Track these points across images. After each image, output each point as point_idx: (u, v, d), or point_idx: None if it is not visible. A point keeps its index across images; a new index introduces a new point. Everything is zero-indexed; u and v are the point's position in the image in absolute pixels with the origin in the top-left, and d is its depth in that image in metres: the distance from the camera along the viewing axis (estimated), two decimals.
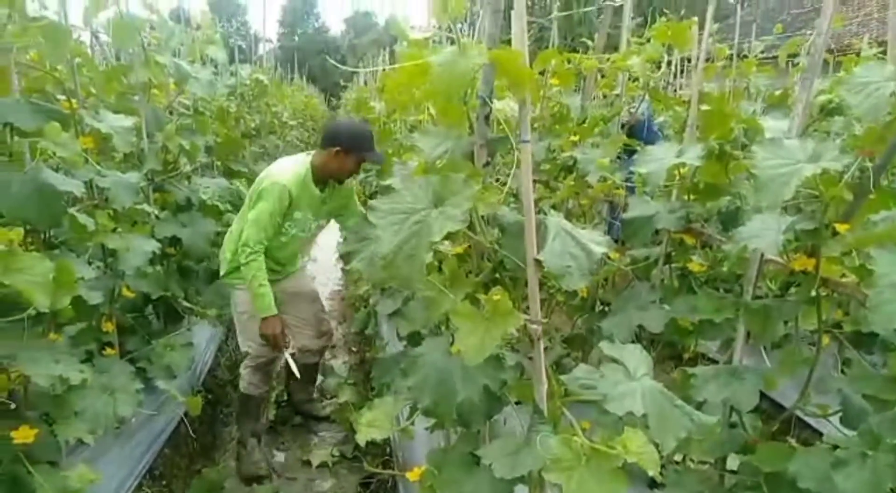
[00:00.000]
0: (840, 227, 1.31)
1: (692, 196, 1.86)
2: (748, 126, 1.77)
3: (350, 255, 1.44)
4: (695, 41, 2.11)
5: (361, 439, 1.51)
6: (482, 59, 1.14)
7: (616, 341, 1.39)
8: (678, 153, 1.68)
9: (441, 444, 1.74)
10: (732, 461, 1.57)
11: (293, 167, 2.83)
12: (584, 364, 1.28)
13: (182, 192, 3.05)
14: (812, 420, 2.28)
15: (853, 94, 1.27)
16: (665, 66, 3.18)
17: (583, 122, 2.57)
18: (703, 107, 1.88)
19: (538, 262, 1.19)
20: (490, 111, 1.35)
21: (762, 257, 1.49)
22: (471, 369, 1.30)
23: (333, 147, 2.78)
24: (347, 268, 1.53)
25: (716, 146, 1.73)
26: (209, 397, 3.41)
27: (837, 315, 1.63)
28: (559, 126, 2.57)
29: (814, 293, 1.37)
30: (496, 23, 1.31)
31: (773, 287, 1.59)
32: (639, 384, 1.16)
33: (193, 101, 3.63)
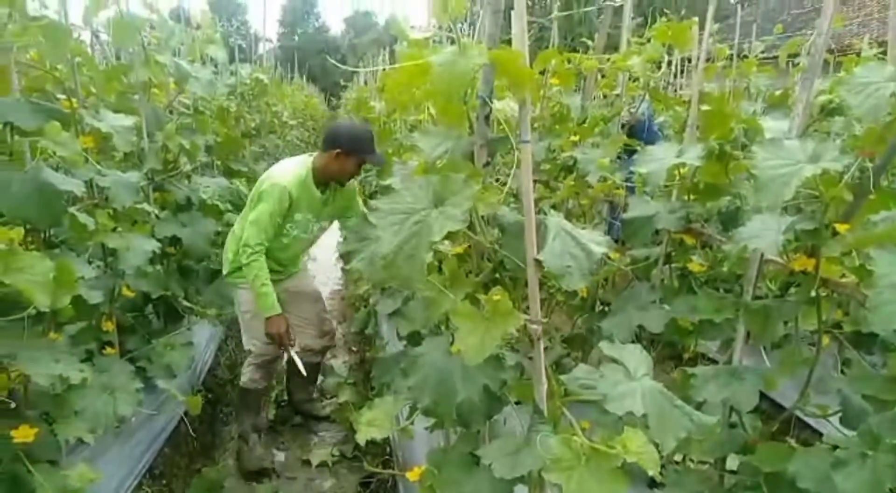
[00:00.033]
0: (840, 227, 1.31)
1: (692, 196, 1.86)
2: (748, 126, 1.77)
3: (350, 254, 1.44)
4: (695, 41, 2.11)
5: (361, 438, 1.51)
6: (482, 59, 1.14)
7: (616, 341, 1.39)
8: (678, 153, 1.68)
9: (441, 444, 1.74)
10: (732, 461, 1.57)
11: (294, 169, 2.84)
12: (584, 364, 1.28)
13: (182, 191, 3.05)
14: (812, 420, 2.28)
15: (853, 94, 1.27)
16: (665, 66, 3.18)
17: (583, 122, 2.57)
18: (704, 107, 1.88)
19: (538, 262, 1.19)
20: (490, 111, 1.35)
21: (762, 257, 1.49)
22: (471, 368, 1.30)
23: (334, 149, 2.79)
24: (347, 267, 1.53)
25: (716, 146, 1.73)
26: (209, 396, 3.42)
27: (837, 315, 1.63)
28: (559, 126, 2.56)
29: (814, 294, 1.37)
30: (496, 23, 1.31)
31: (773, 287, 1.59)
32: (639, 384, 1.16)
33: (193, 100, 3.63)
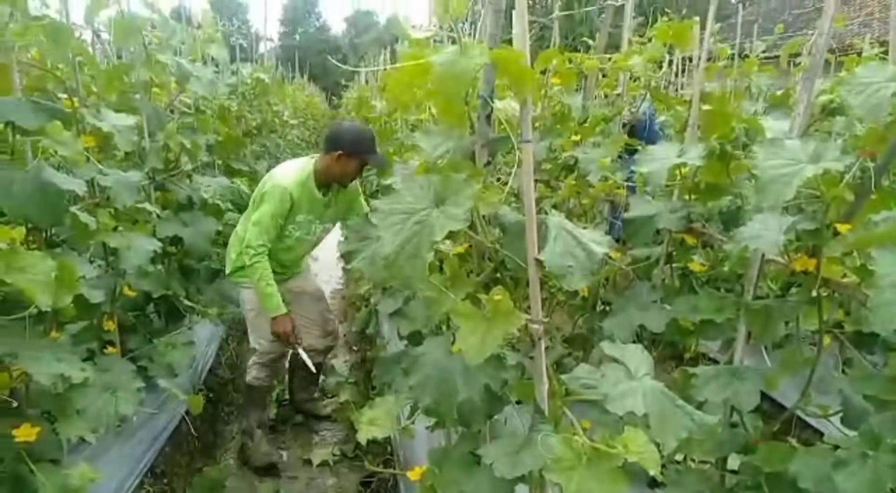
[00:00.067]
0: (841, 227, 1.31)
1: (693, 196, 1.86)
2: (749, 126, 1.76)
3: (351, 254, 1.44)
4: (696, 41, 2.11)
5: (362, 437, 1.51)
6: (483, 58, 1.14)
7: (617, 340, 1.39)
8: (679, 153, 1.67)
9: (442, 443, 1.74)
10: (733, 461, 1.57)
11: (295, 171, 2.86)
12: (585, 364, 1.28)
13: (183, 191, 3.05)
14: (813, 420, 2.28)
15: (855, 94, 1.27)
16: (666, 65, 3.18)
17: (584, 121, 2.57)
18: (705, 107, 1.87)
19: (539, 262, 1.19)
20: (491, 111, 1.34)
21: (763, 257, 1.49)
22: (472, 368, 1.30)
23: (335, 151, 2.80)
24: (348, 267, 1.53)
25: (717, 146, 1.73)
26: (210, 395, 3.42)
27: (838, 315, 1.63)
28: (560, 126, 2.56)
29: (815, 294, 1.37)
30: (497, 22, 1.31)
31: (775, 287, 1.59)
32: (640, 384, 1.16)
33: (195, 99, 3.63)
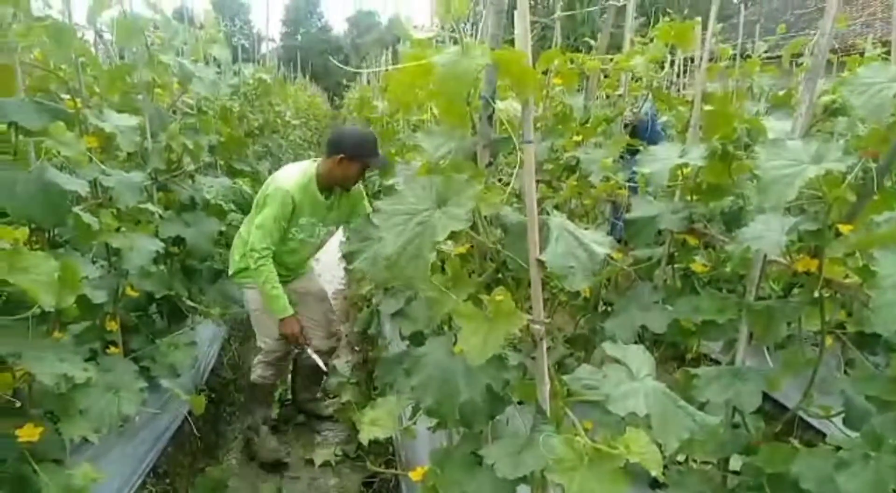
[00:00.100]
0: (843, 228, 1.30)
1: (695, 196, 1.86)
2: (751, 126, 1.76)
3: (353, 254, 1.44)
4: (698, 41, 2.11)
5: (364, 438, 1.51)
6: (485, 59, 1.14)
7: (619, 341, 1.39)
8: (681, 153, 1.67)
9: (444, 443, 1.74)
10: (735, 462, 1.57)
11: (297, 174, 2.88)
12: (587, 365, 1.28)
13: (186, 191, 3.05)
14: (815, 421, 2.27)
15: (857, 94, 1.27)
16: (668, 66, 3.18)
17: (586, 122, 2.57)
18: (707, 107, 1.87)
19: (541, 262, 1.19)
20: (493, 111, 1.35)
21: (765, 257, 1.49)
22: (474, 369, 1.30)
23: (337, 154, 2.82)
24: (350, 267, 1.53)
25: (719, 146, 1.73)
26: (213, 395, 3.42)
27: (841, 316, 1.63)
28: (562, 126, 2.56)
29: (817, 294, 1.37)
30: (499, 23, 1.31)
31: (777, 288, 1.59)
32: (641, 385, 1.16)
33: (197, 100, 3.63)
